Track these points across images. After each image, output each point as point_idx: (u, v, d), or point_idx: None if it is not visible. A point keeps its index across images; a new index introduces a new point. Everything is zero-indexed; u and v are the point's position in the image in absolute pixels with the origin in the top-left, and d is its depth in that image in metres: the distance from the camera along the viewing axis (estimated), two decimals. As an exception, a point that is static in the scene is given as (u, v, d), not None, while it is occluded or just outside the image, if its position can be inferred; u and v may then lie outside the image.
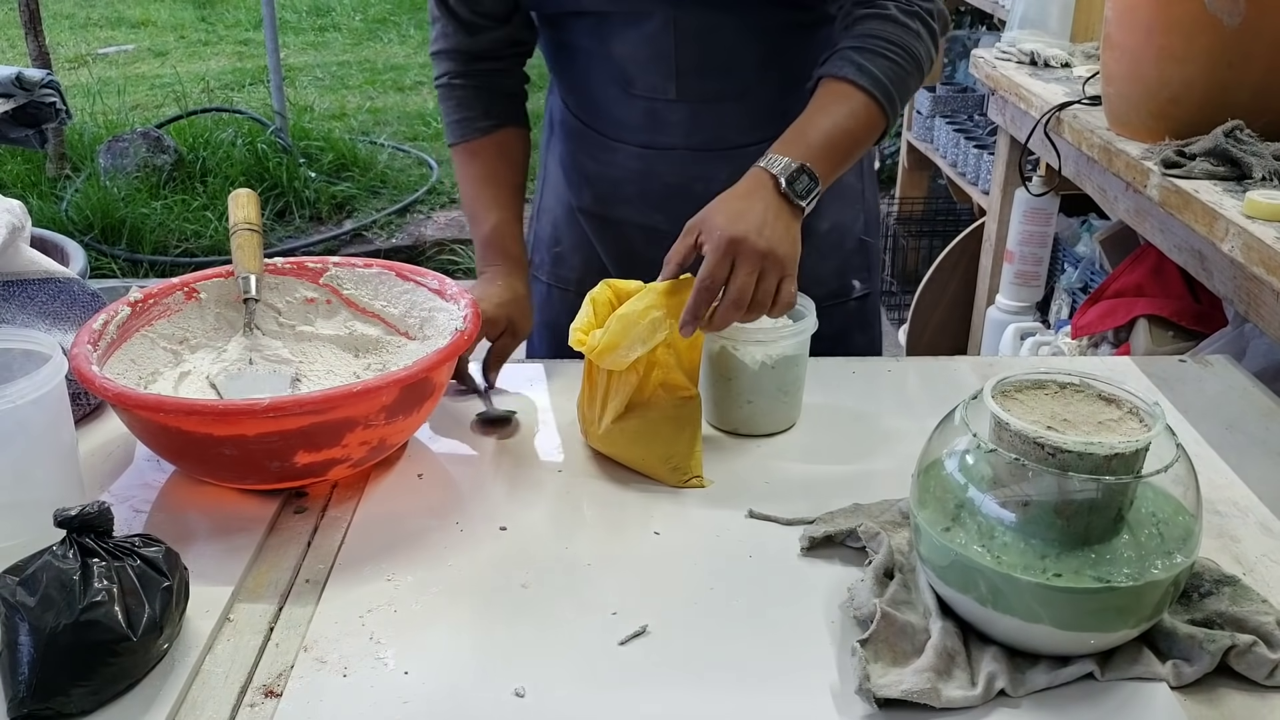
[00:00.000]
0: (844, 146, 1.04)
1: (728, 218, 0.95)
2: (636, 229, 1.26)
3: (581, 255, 1.33)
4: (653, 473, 0.98)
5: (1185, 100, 1.55)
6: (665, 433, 0.97)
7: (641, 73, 1.17)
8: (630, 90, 1.18)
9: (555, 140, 1.32)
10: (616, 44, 1.16)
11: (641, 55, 1.15)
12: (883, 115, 1.07)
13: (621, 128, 1.21)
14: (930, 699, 0.71)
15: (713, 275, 0.93)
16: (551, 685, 0.74)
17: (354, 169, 4.58)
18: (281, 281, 1.13)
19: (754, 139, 1.19)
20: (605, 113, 1.22)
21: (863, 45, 1.07)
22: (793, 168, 0.99)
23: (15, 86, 2.28)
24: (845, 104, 1.05)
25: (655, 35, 1.13)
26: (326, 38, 7.34)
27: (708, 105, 1.18)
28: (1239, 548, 0.89)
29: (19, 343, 0.89)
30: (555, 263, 1.35)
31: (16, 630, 0.70)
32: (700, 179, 1.19)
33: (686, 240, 0.97)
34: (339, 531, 0.91)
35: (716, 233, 0.94)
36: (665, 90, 1.17)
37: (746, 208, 0.96)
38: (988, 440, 0.74)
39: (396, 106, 5.77)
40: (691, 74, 1.15)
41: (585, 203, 1.29)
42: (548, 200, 1.36)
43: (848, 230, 1.31)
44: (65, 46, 6.79)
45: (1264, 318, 1.36)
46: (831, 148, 1.02)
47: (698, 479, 0.98)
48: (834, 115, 1.04)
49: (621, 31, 1.15)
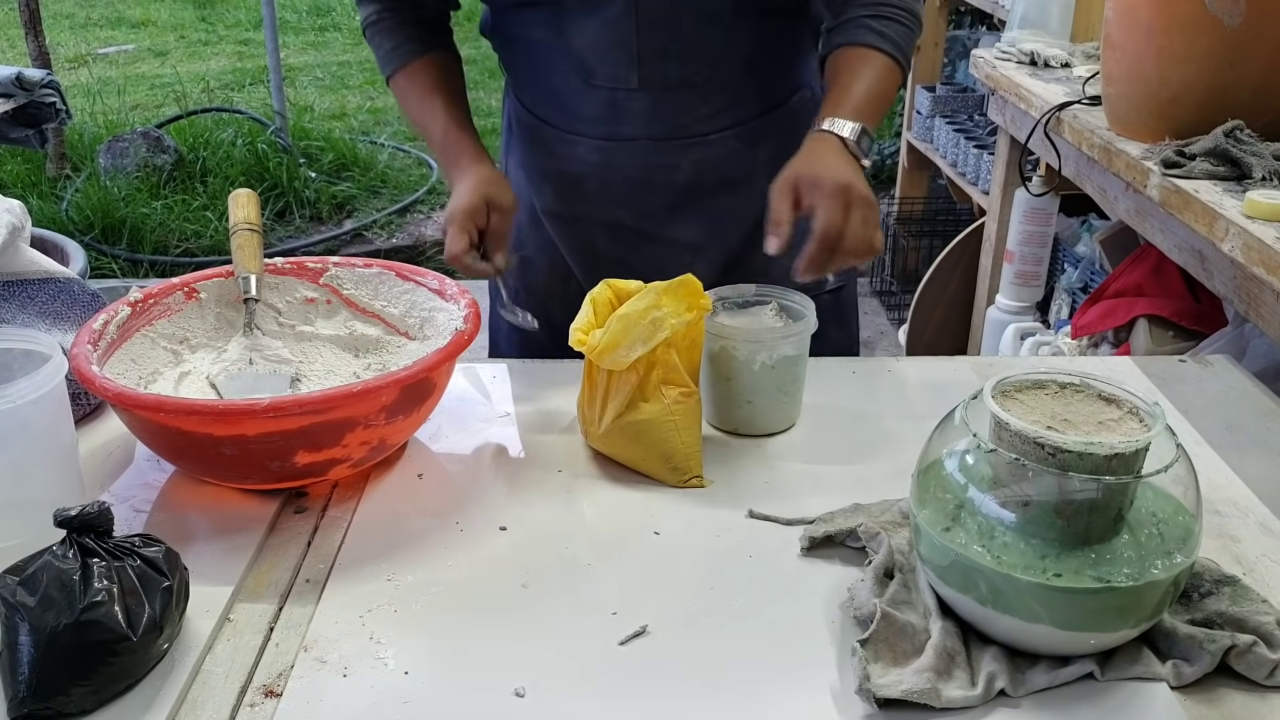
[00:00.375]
0: (879, 106, 1.12)
1: (830, 170, 1.01)
2: (599, 226, 1.25)
3: (547, 258, 1.32)
4: (653, 473, 0.98)
5: (1185, 100, 1.55)
6: (665, 432, 0.97)
7: (602, 62, 1.16)
8: (590, 81, 1.17)
9: (514, 142, 1.31)
10: (574, 34, 1.15)
11: (601, 44, 1.14)
12: (902, 74, 1.15)
13: (580, 120, 1.20)
14: (930, 699, 0.71)
15: (834, 222, 0.98)
16: (551, 685, 0.74)
17: (354, 169, 4.58)
18: (281, 281, 1.13)
19: (714, 128, 1.19)
20: (563, 106, 1.21)
21: (878, 13, 1.14)
22: (856, 129, 1.06)
23: (15, 86, 2.28)
24: (873, 67, 1.12)
25: (615, 21, 1.13)
26: (326, 38, 7.34)
27: (669, 93, 1.17)
28: (1239, 548, 0.89)
29: (19, 343, 0.89)
30: (523, 267, 1.34)
31: (16, 630, 0.70)
32: (661, 169, 1.19)
33: (786, 200, 1.01)
34: (339, 531, 0.91)
35: (827, 182, 0.99)
36: (627, 79, 1.16)
37: (836, 161, 1.03)
38: (988, 440, 0.74)
39: (396, 106, 5.75)
40: (653, 61, 1.15)
41: (547, 203, 1.29)
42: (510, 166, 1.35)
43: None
44: (65, 46, 6.79)
45: (1264, 318, 1.36)
46: (872, 108, 1.10)
47: (698, 479, 0.98)
48: (868, 78, 1.11)
49: (579, 21, 1.14)
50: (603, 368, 0.97)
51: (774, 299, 1.10)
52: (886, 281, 3.70)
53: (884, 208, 3.81)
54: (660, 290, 0.95)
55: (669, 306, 0.94)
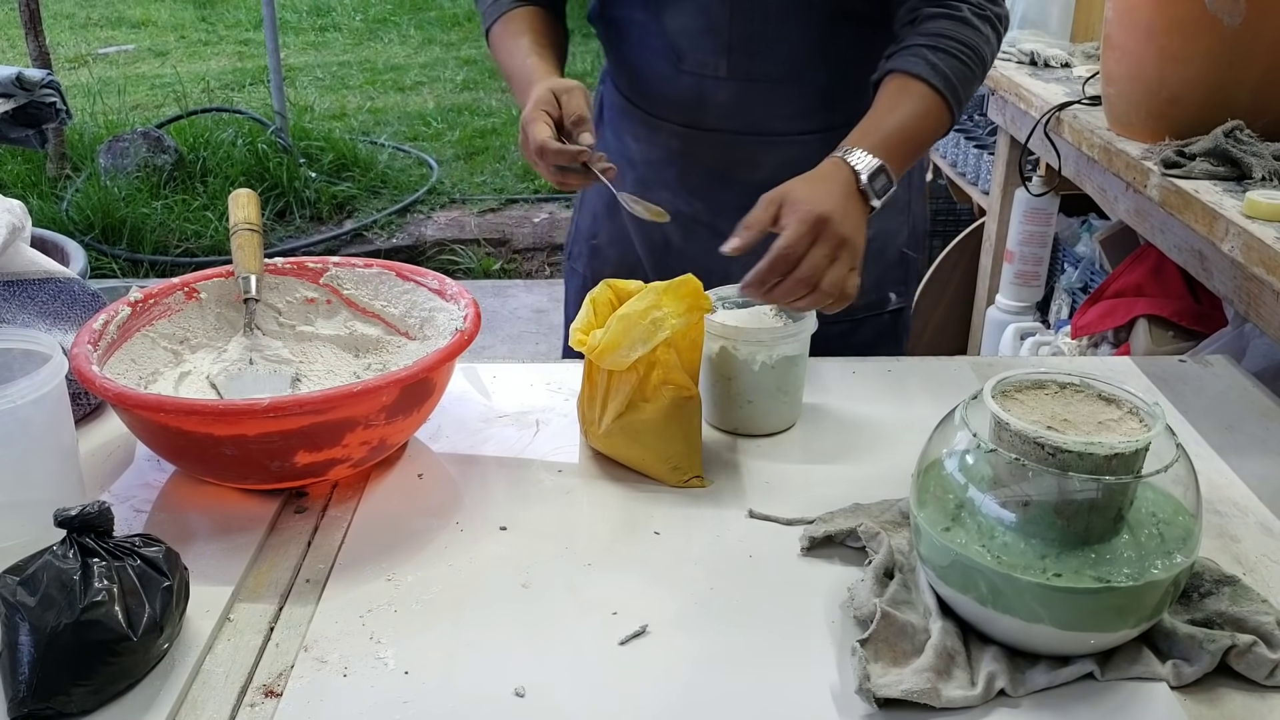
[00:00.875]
0: (914, 146, 1.07)
1: (814, 195, 0.97)
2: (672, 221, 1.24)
3: (618, 249, 1.32)
4: (653, 473, 0.98)
5: (1185, 100, 1.55)
6: (665, 432, 0.97)
7: (693, 47, 1.16)
8: (680, 66, 1.17)
9: (604, 126, 1.32)
10: (670, 16, 1.16)
11: (694, 28, 1.15)
12: (950, 116, 1.09)
13: (667, 105, 1.21)
14: (930, 699, 0.71)
15: (792, 246, 0.94)
16: (551, 685, 0.74)
17: (354, 169, 4.58)
18: (281, 281, 1.13)
19: (797, 128, 1.19)
20: (652, 89, 1.21)
21: (936, 44, 1.08)
22: (874, 166, 1.01)
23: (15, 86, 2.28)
24: (919, 103, 1.06)
25: (710, 7, 1.13)
26: (326, 38, 7.34)
27: (755, 86, 1.17)
28: (1239, 548, 0.89)
29: (19, 343, 0.89)
30: (592, 255, 1.35)
31: (17, 630, 0.70)
32: (742, 165, 1.19)
33: (767, 211, 0.97)
34: (339, 531, 0.91)
35: (803, 207, 0.95)
36: (716, 67, 1.16)
37: (831, 191, 0.98)
38: (988, 440, 0.74)
39: (396, 106, 5.77)
40: (743, 51, 1.15)
41: (626, 189, 1.29)
42: (589, 193, 1.36)
43: (890, 242, 1.30)
44: (65, 46, 6.79)
45: (1264, 318, 1.36)
46: (904, 147, 1.05)
47: (698, 479, 0.98)
48: (907, 113, 1.06)
49: (676, 4, 1.15)
50: (603, 368, 0.97)
51: (774, 299, 1.10)
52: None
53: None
54: (660, 290, 0.95)
55: (669, 307, 0.94)
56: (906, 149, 1.05)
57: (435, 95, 6.00)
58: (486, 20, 1.22)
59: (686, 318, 0.95)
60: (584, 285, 1.36)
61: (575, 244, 1.38)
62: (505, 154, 5.00)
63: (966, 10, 1.10)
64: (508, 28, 1.19)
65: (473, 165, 4.92)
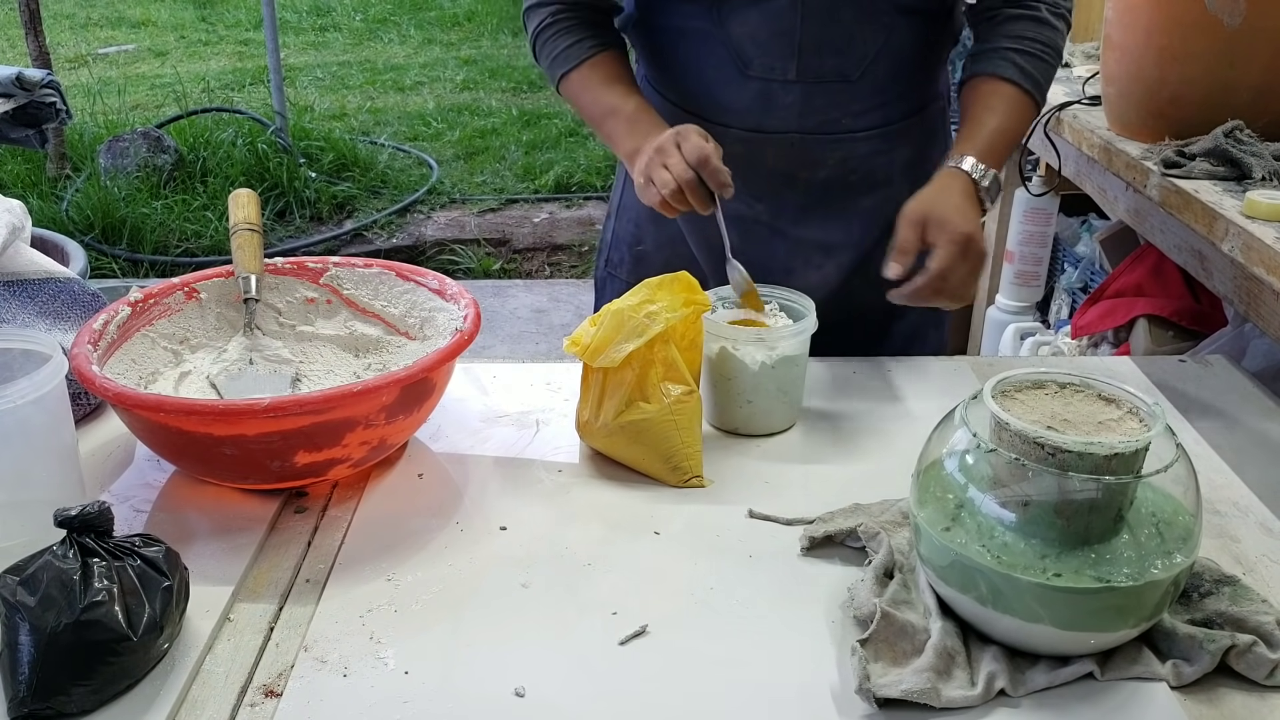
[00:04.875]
0: (1010, 145, 1.15)
1: (960, 215, 1.04)
2: (734, 223, 1.22)
3: (664, 255, 1.32)
4: (653, 472, 0.98)
5: (1185, 100, 1.55)
6: (665, 432, 0.96)
7: (760, 52, 1.17)
8: (746, 71, 1.18)
9: None
10: (735, 24, 1.16)
11: (762, 34, 1.16)
12: (1036, 111, 1.18)
13: (729, 112, 1.21)
14: (930, 699, 0.71)
15: (949, 268, 1.02)
16: (551, 685, 0.74)
17: (354, 169, 4.59)
18: (281, 281, 1.13)
19: (862, 125, 1.20)
20: (713, 97, 1.22)
21: (1023, 48, 1.16)
22: (988, 174, 1.10)
23: (15, 86, 2.28)
24: (1014, 107, 1.15)
25: (781, 12, 1.14)
26: (326, 38, 7.35)
27: (822, 86, 1.18)
28: (1239, 548, 0.89)
29: (19, 343, 0.89)
30: (636, 261, 1.34)
31: (17, 630, 0.70)
32: (806, 164, 1.20)
33: (914, 231, 1.04)
34: (339, 531, 0.91)
35: (950, 227, 1.03)
36: (784, 70, 1.17)
37: (963, 205, 1.06)
38: (988, 440, 0.74)
39: (396, 106, 5.77)
40: (812, 53, 1.16)
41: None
42: (629, 198, 1.35)
43: None
44: (65, 46, 6.79)
45: (1264, 318, 1.36)
46: (1005, 149, 1.14)
47: (698, 479, 0.98)
48: (1007, 118, 1.14)
49: (742, 11, 1.15)
50: (598, 368, 0.97)
51: (774, 299, 1.10)
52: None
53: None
54: (654, 285, 0.95)
55: (663, 301, 0.94)
56: (1006, 149, 1.14)
57: (435, 95, 6.00)
58: (565, 63, 1.21)
59: (682, 313, 0.95)
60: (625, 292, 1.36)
61: (615, 250, 1.38)
62: (505, 154, 5.00)
63: (1045, 10, 1.17)
64: (598, 71, 1.20)
65: (473, 165, 4.92)
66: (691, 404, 0.98)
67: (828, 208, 1.24)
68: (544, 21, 1.23)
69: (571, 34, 1.21)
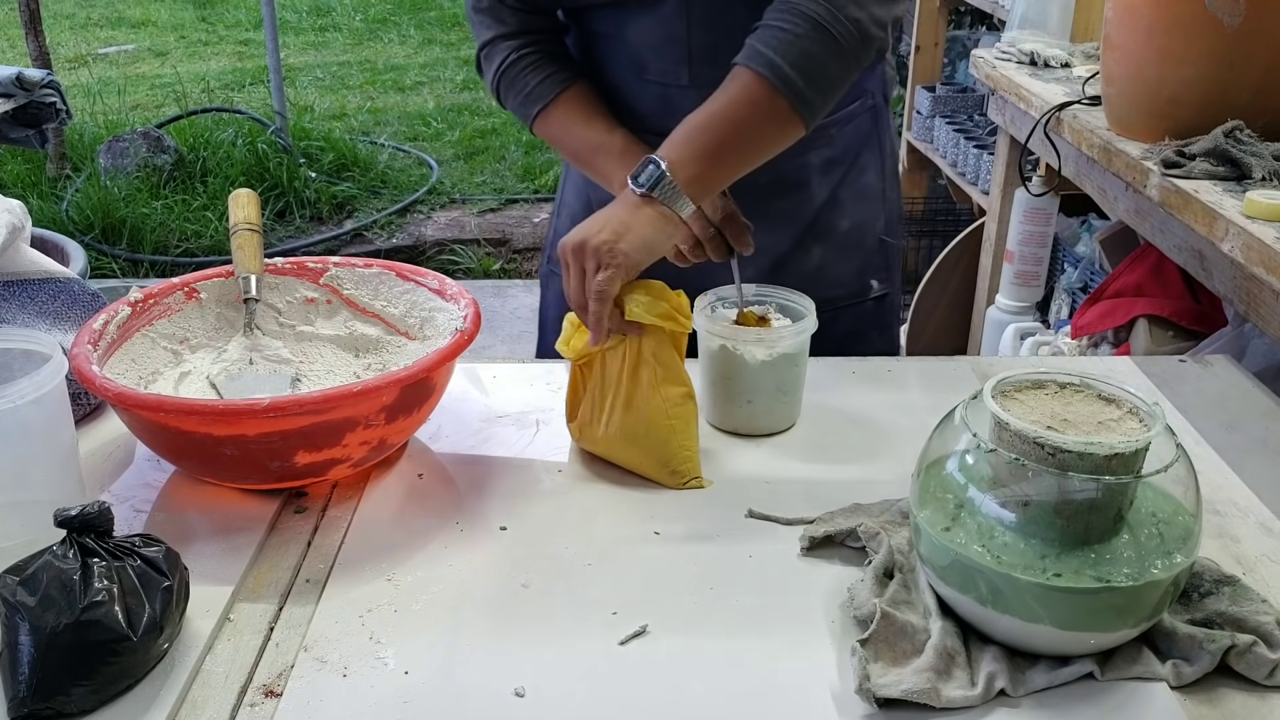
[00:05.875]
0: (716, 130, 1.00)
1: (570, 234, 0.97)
2: None
3: None
4: (651, 475, 0.98)
5: (1185, 100, 1.55)
6: (662, 435, 0.96)
7: (655, 58, 1.17)
8: (643, 76, 1.18)
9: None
10: (631, 29, 1.17)
11: (655, 39, 1.16)
12: (768, 83, 1.00)
13: (634, 116, 1.21)
14: (930, 699, 0.71)
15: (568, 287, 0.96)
16: (551, 685, 0.74)
17: (354, 169, 4.58)
18: (281, 281, 1.13)
19: None
20: (620, 100, 1.22)
21: (760, 26, 1.02)
22: (638, 166, 0.98)
23: (15, 86, 2.28)
24: (729, 85, 1.01)
25: (668, 19, 1.14)
26: (326, 38, 7.34)
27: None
28: (1239, 548, 0.89)
29: (19, 343, 0.89)
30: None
31: (17, 630, 0.70)
32: None
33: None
34: (339, 531, 0.91)
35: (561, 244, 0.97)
36: (678, 76, 1.17)
37: (592, 219, 0.98)
38: (988, 440, 0.74)
39: (396, 106, 5.77)
40: (703, 59, 1.16)
41: (601, 193, 1.29)
42: (568, 196, 1.37)
43: (868, 230, 1.31)
44: (65, 46, 6.79)
45: (1264, 318, 1.36)
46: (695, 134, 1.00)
47: (696, 480, 0.98)
48: (712, 101, 1.01)
49: (636, 17, 1.15)
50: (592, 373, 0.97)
51: (774, 299, 1.10)
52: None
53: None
54: (635, 285, 0.95)
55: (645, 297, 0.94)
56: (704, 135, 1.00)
57: (435, 95, 5.99)
58: (538, 101, 1.18)
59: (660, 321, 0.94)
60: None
61: (555, 248, 1.38)
62: (505, 154, 5.00)
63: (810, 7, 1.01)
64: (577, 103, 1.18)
65: (473, 165, 4.92)
66: (687, 405, 0.98)
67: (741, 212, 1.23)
68: (508, 59, 1.19)
69: (540, 69, 1.19)
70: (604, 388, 0.98)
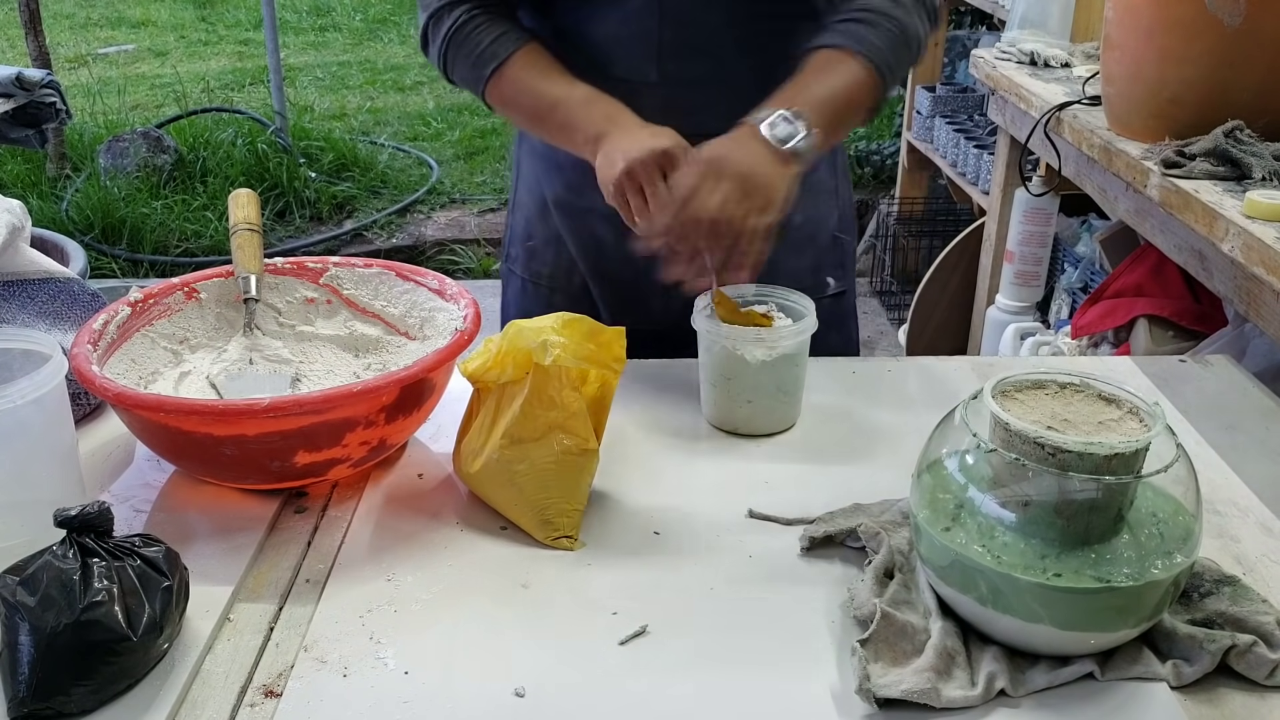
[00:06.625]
0: (840, 108, 1.05)
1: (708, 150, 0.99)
2: (606, 220, 1.22)
3: (554, 249, 1.31)
4: (521, 522, 0.90)
5: (1185, 100, 1.55)
6: (546, 480, 0.88)
7: (623, 54, 1.16)
8: (609, 73, 1.16)
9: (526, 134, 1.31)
10: (597, 25, 1.15)
11: (623, 35, 1.14)
12: (878, 81, 1.07)
13: None
14: (930, 699, 0.71)
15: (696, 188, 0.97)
16: (551, 685, 0.74)
17: (354, 169, 4.58)
18: (281, 281, 1.13)
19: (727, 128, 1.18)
20: None
21: (855, 18, 1.08)
22: (772, 115, 1.01)
23: (15, 86, 2.28)
24: (841, 67, 1.06)
25: (638, 14, 1.13)
26: (326, 38, 7.34)
27: (686, 89, 1.16)
28: (1239, 548, 0.89)
29: (19, 343, 0.89)
30: (529, 257, 1.34)
31: (17, 630, 0.70)
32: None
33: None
34: (339, 531, 0.91)
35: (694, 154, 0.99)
36: (646, 73, 1.16)
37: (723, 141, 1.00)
38: (988, 440, 0.74)
39: (396, 106, 5.77)
40: (672, 57, 1.15)
41: (557, 192, 1.28)
42: (521, 195, 1.35)
43: (821, 226, 1.30)
44: (65, 46, 6.79)
45: (1264, 318, 1.36)
46: (825, 104, 1.03)
47: (569, 539, 0.89)
48: (830, 77, 1.05)
49: (603, 12, 1.14)
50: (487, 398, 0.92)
51: (774, 299, 1.10)
52: (886, 281, 3.70)
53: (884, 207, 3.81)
54: (565, 320, 0.88)
55: (567, 338, 0.87)
56: (830, 107, 1.04)
57: (435, 95, 5.99)
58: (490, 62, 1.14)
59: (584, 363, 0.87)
60: (522, 288, 1.35)
61: (511, 246, 1.37)
62: (505, 154, 5.00)
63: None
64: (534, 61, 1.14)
65: (473, 165, 4.92)
66: (585, 459, 0.88)
67: None
68: (458, 21, 1.15)
69: (493, 29, 1.14)
70: (495, 416, 0.91)
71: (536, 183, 1.31)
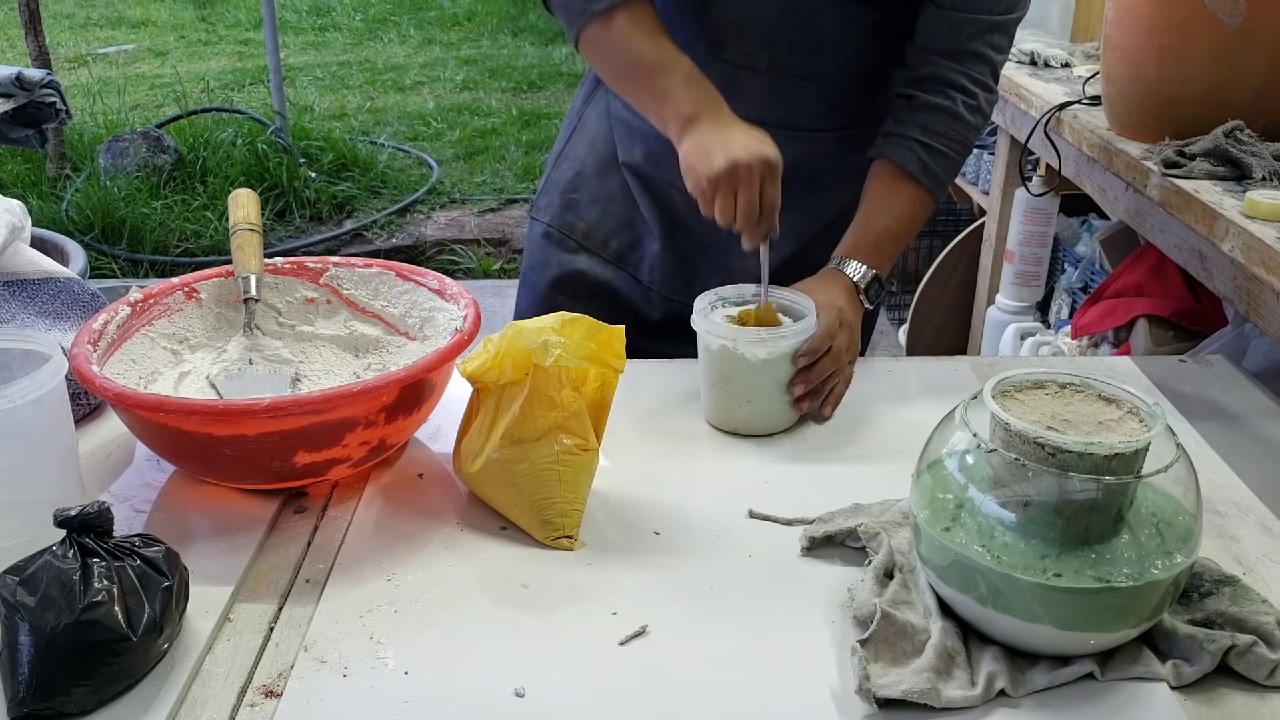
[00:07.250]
0: (899, 243, 1.17)
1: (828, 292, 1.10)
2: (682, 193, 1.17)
3: (599, 210, 1.31)
4: (521, 522, 0.90)
5: (1185, 100, 1.55)
6: (546, 480, 0.88)
7: (737, 38, 1.16)
8: (719, 55, 1.17)
9: (607, 93, 1.31)
10: (718, 5, 1.16)
11: (742, 19, 1.15)
12: (933, 205, 1.19)
13: None
14: (930, 699, 0.71)
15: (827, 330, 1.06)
16: (551, 685, 0.74)
17: (354, 169, 4.58)
18: (281, 281, 1.13)
19: (822, 125, 1.21)
20: None
21: (929, 142, 1.16)
22: (868, 277, 1.14)
23: (15, 86, 2.28)
24: (910, 204, 1.16)
25: (762, 2, 1.14)
26: (326, 38, 7.34)
27: (790, 81, 1.18)
28: (1239, 548, 0.89)
29: (19, 343, 0.89)
30: (565, 208, 1.33)
31: (17, 630, 0.70)
32: None
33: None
34: (339, 531, 0.91)
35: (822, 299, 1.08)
36: (756, 59, 1.17)
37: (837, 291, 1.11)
38: (988, 440, 0.74)
39: (396, 106, 5.77)
40: (785, 47, 1.16)
41: (634, 159, 1.28)
42: (576, 149, 1.35)
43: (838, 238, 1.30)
44: (65, 46, 6.79)
45: (1264, 318, 1.36)
46: (893, 248, 1.17)
47: (569, 540, 0.89)
48: (899, 216, 1.16)
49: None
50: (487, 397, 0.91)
51: (774, 299, 1.10)
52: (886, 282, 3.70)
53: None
54: (566, 320, 0.88)
55: (570, 338, 0.86)
56: (893, 250, 1.17)
57: (435, 95, 5.99)
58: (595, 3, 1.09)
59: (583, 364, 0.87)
60: (546, 236, 1.34)
61: (544, 195, 1.35)
62: (505, 154, 5.00)
63: (960, 103, 1.15)
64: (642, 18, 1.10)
65: (473, 165, 4.92)
66: (585, 460, 0.88)
67: None
68: None
69: None
70: (495, 415, 0.90)
71: (603, 144, 1.30)
